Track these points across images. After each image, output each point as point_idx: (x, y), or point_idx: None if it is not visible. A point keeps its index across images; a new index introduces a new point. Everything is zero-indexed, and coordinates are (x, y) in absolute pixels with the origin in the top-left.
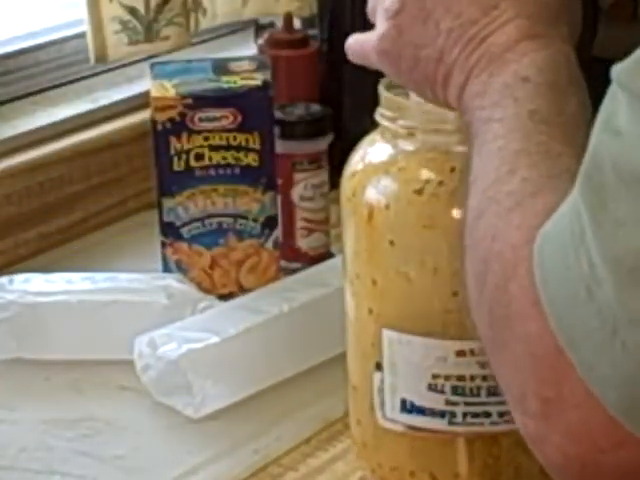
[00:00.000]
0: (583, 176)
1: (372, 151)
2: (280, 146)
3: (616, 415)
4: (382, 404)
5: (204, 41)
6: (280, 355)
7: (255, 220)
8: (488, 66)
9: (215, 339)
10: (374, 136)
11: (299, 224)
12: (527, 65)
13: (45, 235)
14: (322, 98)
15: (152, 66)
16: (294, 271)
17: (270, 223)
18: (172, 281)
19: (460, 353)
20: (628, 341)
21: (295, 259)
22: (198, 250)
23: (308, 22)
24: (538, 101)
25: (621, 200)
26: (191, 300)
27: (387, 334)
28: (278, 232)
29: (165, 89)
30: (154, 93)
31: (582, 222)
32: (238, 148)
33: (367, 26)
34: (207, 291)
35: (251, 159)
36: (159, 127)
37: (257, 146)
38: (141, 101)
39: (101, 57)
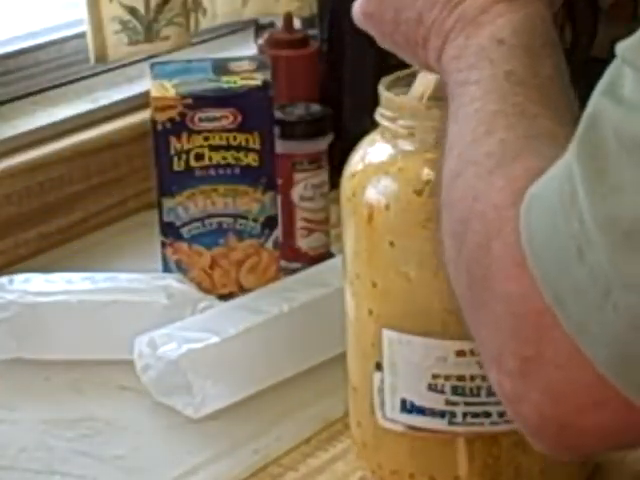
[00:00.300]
0: (580, 139)
1: (372, 151)
2: (280, 146)
3: (606, 373)
4: (382, 404)
5: (204, 41)
6: (280, 355)
7: (255, 220)
8: (464, 29)
9: (215, 339)
10: (374, 136)
11: (299, 224)
12: (502, 27)
13: (45, 235)
14: (322, 98)
15: (152, 66)
16: (294, 271)
17: (270, 223)
18: (172, 281)
19: (460, 353)
20: (620, 303)
21: (295, 259)
22: (198, 250)
23: (308, 22)
24: (514, 63)
25: (621, 165)
26: (191, 300)
27: (387, 334)
28: (278, 232)
29: (165, 89)
30: (154, 93)
31: (574, 184)
32: (238, 148)
33: None
34: (207, 291)
35: (251, 159)
36: (159, 127)
37: (257, 146)
38: (141, 101)
39: (101, 57)
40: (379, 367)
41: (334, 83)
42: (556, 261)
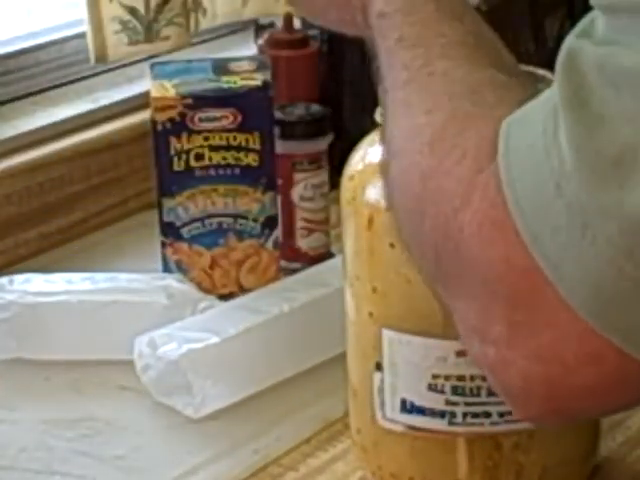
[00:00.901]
0: (560, 79)
1: (372, 151)
2: (280, 146)
3: (585, 315)
4: (382, 404)
5: (204, 41)
6: (280, 355)
7: (255, 220)
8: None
9: (215, 339)
10: (374, 136)
11: (299, 224)
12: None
13: (45, 235)
14: (322, 98)
15: (152, 66)
16: (294, 271)
17: (270, 223)
18: (172, 281)
19: (460, 353)
20: (599, 235)
21: (295, 259)
22: (198, 250)
23: (308, 22)
24: (400, 28)
25: (606, 98)
26: (191, 300)
27: (387, 334)
28: (278, 232)
29: (165, 89)
30: (154, 93)
31: (557, 121)
32: (238, 148)
33: None
34: (207, 291)
35: (251, 159)
36: (159, 127)
37: (257, 146)
38: (141, 101)
39: (101, 57)
40: (379, 367)
41: (334, 83)
42: (535, 199)
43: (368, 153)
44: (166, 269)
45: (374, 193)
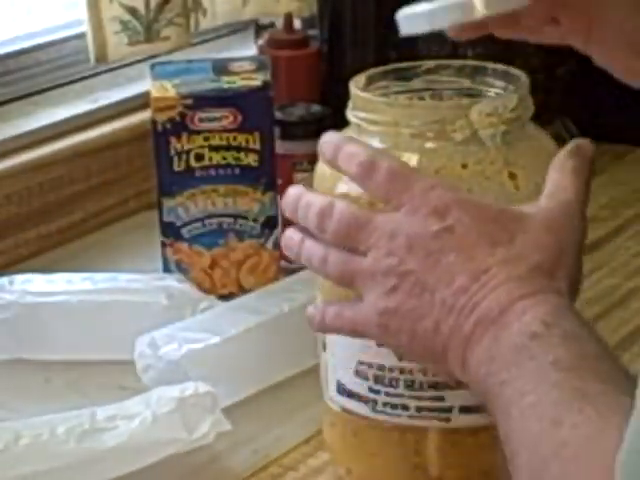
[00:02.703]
0: None
1: None
2: (280, 146)
3: None
4: (327, 383)
5: (204, 41)
6: (280, 355)
7: (255, 220)
8: (486, 332)
9: (215, 339)
10: (345, 133)
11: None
12: (530, 322)
13: (45, 235)
14: (322, 98)
15: (152, 66)
16: (294, 271)
17: (270, 223)
18: (172, 281)
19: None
20: None
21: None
22: (198, 250)
23: (308, 22)
24: (555, 351)
25: None
26: (191, 300)
27: None
28: (278, 232)
29: (165, 89)
30: (154, 93)
31: None
32: (238, 148)
33: (367, 27)
34: (207, 291)
35: (251, 159)
36: (159, 127)
37: (257, 146)
38: (141, 101)
39: (101, 57)
40: (324, 347)
41: (334, 83)
42: None
43: None
44: (166, 269)
45: (345, 189)
